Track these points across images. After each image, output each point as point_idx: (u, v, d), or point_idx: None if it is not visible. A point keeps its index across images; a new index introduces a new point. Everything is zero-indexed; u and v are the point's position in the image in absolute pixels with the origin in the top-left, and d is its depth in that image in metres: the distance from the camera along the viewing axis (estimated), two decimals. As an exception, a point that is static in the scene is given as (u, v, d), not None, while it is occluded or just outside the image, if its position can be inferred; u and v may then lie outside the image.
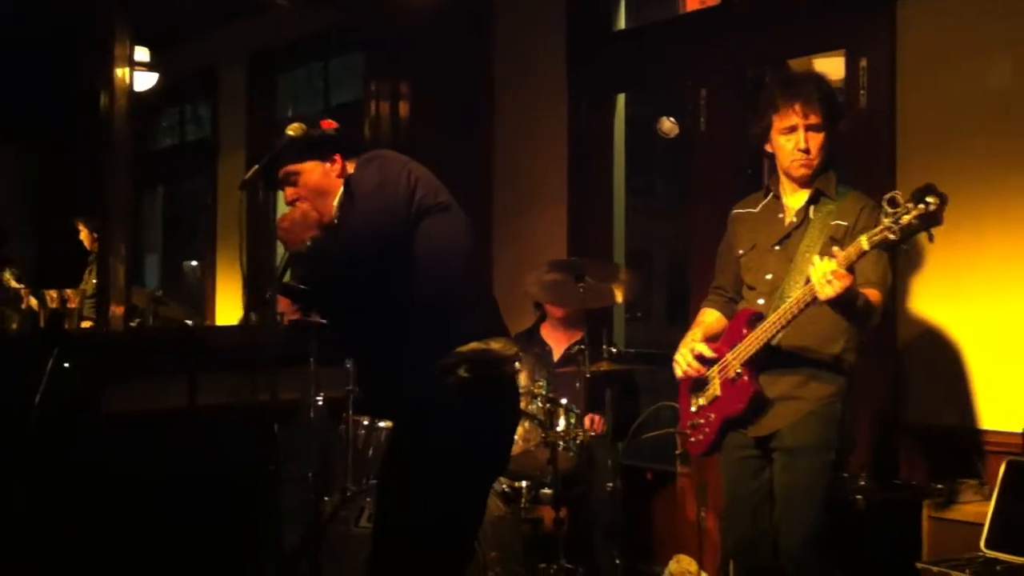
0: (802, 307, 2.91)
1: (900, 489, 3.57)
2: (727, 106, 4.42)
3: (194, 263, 8.69)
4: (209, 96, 7.47)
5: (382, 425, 3.89)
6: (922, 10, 3.79)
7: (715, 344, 3.22)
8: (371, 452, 3.90)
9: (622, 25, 5.04)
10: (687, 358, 3.23)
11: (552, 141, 5.03)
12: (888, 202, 2.68)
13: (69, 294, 6.18)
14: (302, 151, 2.71)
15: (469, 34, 5.28)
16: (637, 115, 5.37)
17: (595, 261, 4.39)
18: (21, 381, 3.72)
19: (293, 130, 2.69)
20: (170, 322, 5.77)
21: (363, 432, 3.95)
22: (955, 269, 3.67)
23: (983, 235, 3.59)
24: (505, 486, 3.86)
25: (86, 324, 5.90)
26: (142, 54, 6.03)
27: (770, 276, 3.15)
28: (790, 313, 2.94)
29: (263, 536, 3.90)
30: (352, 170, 2.72)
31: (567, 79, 4.99)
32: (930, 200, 2.62)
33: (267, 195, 5.91)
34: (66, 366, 3.75)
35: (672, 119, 5.07)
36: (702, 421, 3.24)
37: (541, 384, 4.00)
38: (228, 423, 4.01)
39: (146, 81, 6.33)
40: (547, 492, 3.92)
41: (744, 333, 3.09)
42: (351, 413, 3.93)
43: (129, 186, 4.46)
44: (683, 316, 4.72)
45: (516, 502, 3.87)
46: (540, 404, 3.95)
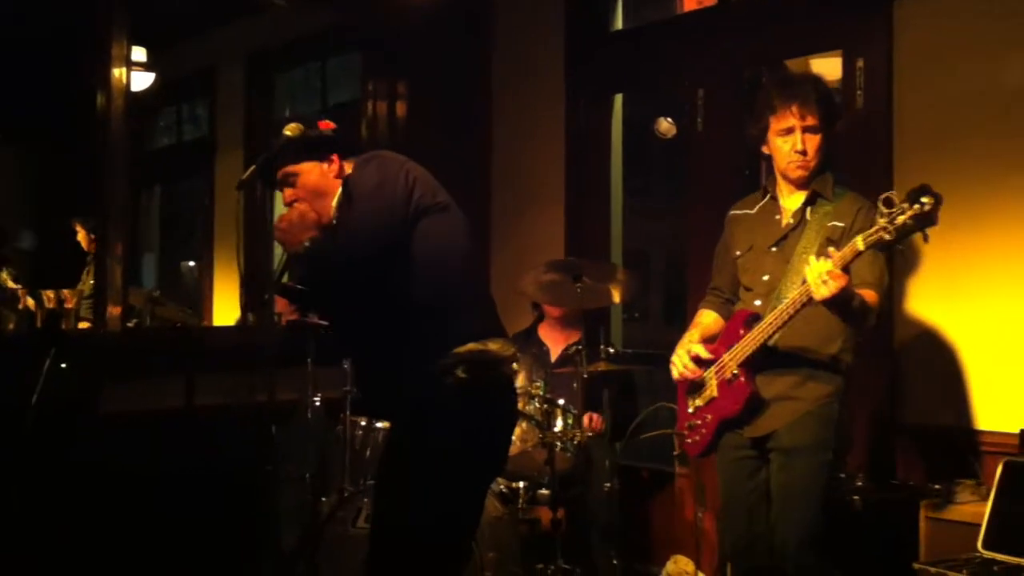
0: (798, 307, 2.91)
1: (897, 489, 3.58)
2: (724, 106, 4.43)
3: (191, 263, 8.67)
4: (206, 96, 7.46)
5: (379, 425, 3.89)
6: (919, 10, 3.79)
7: (712, 345, 3.22)
8: (368, 452, 3.90)
9: (619, 25, 5.05)
10: (683, 360, 3.23)
11: (550, 141, 5.03)
12: (883, 202, 2.68)
13: (66, 294, 6.16)
14: (300, 152, 2.70)
15: (467, 34, 5.28)
16: (634, 115, 5.37)
17: (592, 261, 4.38)
18: (18, 381, 3.70)
19: (291, 131, 2.69)
20: (167, 322, 5.76)
21: (360, 432, 3.95)
22: (952, 270, 3.67)
23: (980, 235, 3.60)
24: (503, 487, 3.86)
25: (83, 324, 5.89)
26: (139, 54, 6.03)
27: (767, 277, 3.15)
28: (786, 314, 2.94)
29: (261, 536, 3.91)
30: (350, 170, 2.71)
31: (565, 79, 4.99)
32: (925, 200, 2.62)
33: (265, 195, 5.89)
34: (63, 366, 3.74)
35: (669, 119, 5.07)
36: (699, 422, 3.24)
37: (539, 384, 3.99)
38: (225, 423, 4.01)
39: (143, 81, 6.32)
40: (544, 493, 3.91)
41: (741, 334, 3.09)
42: (348, 413, 3.93)
43: (126, 186, 4.44)
44: (680, 316, 4.73)
45: (513, 502, 3.88)
46: (537, 404, 3.95)
